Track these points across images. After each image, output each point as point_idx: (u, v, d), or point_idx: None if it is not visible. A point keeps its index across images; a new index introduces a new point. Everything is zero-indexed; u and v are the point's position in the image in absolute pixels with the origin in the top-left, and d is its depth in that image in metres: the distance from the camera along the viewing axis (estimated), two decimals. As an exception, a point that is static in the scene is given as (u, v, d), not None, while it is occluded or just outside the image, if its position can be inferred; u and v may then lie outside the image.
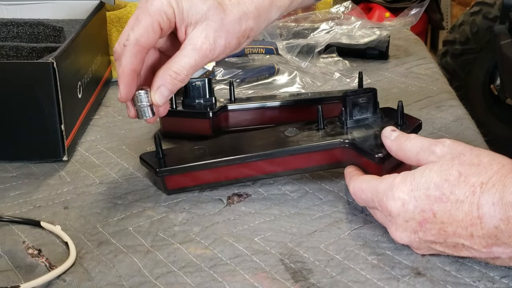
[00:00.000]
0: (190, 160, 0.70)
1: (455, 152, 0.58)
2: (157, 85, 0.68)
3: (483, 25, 2.32)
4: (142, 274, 0.58)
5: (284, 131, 0.73)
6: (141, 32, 0.65)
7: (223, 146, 0.75)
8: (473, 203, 0.54)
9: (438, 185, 0.56)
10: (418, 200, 0.57)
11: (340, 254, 0.60)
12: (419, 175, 0.58)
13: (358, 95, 0.71)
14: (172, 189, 0.70)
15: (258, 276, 0.57)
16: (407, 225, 0.58)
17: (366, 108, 0.71)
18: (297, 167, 0.71)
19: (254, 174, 0.71)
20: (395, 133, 0.64)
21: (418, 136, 0.63)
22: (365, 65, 1.10)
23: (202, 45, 0.67)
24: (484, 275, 0.56)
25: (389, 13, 2.62)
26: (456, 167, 0.56)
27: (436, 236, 0.57)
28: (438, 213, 0.56)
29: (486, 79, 2.37)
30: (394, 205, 0.58)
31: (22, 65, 0.78)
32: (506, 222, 0.53)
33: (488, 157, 0.57)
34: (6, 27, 0.97)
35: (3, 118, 0.75)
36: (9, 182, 0.74)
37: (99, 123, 0.90)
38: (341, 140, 0.69)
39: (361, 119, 0.71)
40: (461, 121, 0.88)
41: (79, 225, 0.65)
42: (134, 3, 1.05)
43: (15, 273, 0.58)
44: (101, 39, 0.98)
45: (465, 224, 0.55)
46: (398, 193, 0.58)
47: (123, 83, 0.67)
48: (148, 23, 0.65)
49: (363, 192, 0.62)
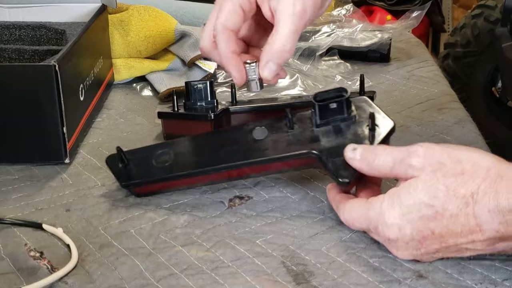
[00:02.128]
0: (153, 170, 0.70)
1: (433, 163, 0.56)
2: (265, 60, 0.68)
3: (484, 27, 2.32)
4: (144, 277, 0.58)
5: (253, 131, 0.70)
6: (226, 17, 0.67)
7: (188, 150, 0.73)
8: (468, 214, 0.54)
9: (429, 204, 0.55)
10: (413, 222, 0.56)
11: (341, 257, 0.60)
12: (406, 196, 0.56)
13: (327, 99, 0.67)
14: (141, 194, 0.71)
15: (260, 279, 0.57)
16: (408, 246, 0.57)
17: (337, 110, 0.68)
18: (264, 171, 0.70)
19: (220, 179, 0.71)
20: (358, 152, 0.61)
21: (384, 148, 0.60)
22: (367, 68, 1.10)
23: (294, 8, 0.66)
24: (486, 278, 0.56)
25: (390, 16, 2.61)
26: (441, 181, 0.55)
27: (439, 248, 0.57)
28: (436, 230, 0.56)
29: (488, 82, 2.37)
30: (390, 232, 0.57)
31: (24, 67, 0.78)
32: (505, 224, 0.53)
33: (469, 162, 0.55)
34: (9, 30, 0.97)
35: (5, 121, 0.76)
36: (11, 185, 0.74)
37: (101, 125, 0.90)
38: (307, 151, 0.66)
39: (333, 121, 0.68)
40: (462, 123, 0.88)
41: (81, 227, 0.65)
42: (135, 6, 1.05)
43: (17, 275, 0.58)
44: (103, 42, 0.98)
45: (465, 233, 0.55)
46: (390, 219, 0.57)
47: (231, 66, 0.68)
48: (230, 7, 0.67)
49: (356, 221, 0.61)
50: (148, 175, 0.70)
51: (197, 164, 0.70)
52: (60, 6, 1.00)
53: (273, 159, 0.67)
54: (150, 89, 1.03)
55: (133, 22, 1.02)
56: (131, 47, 1.03)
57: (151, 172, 0.70)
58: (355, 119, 0.68)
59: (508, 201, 0.52)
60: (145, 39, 1.02)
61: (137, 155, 0.73)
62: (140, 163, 0.71)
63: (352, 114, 0.68)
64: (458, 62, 2.42)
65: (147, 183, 0.70)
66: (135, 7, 1.05)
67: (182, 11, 1.16)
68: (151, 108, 0.95)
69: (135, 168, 0.71)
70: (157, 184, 0.70)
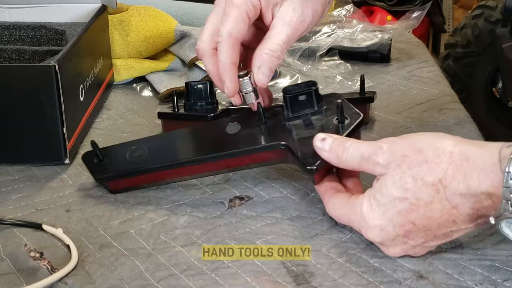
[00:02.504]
0: (127, 164, 0.71)
1: (397, 157, 0.57)
2: (257, 65, 0.68)
3: (485, 28, 2.32)
4: (144, 277, 0.58)
5: (226, 126, 0.71)
6: (232, 25, 0.66)
7: (162, 146, 0.74)
8: (442, 199, 0.55)
9: (402, 198, 0.56)
10: (393, 219, 0.57)
11: (342, 257, 0.60)
12: (380, 196, 0.57)
13: (298, 92, 0.69)
14: (115, 190, 0.71)
15: (260, 279, 0.57)
16: (395, 242, 0.58)
17: (307, 103, 0.69)
18: (238, 165, 0.70)
19: (193, 174, 0.71)
20: (327, 143, 0.62)
21: (353, 142, 0.61)
22: (367, 68, 1.10)
23: (292, 18, 0.67)
24: (486, 278, 0.56)
25: (390, 16, 2.61)
26: (407, 173, 0.56)
27: (425, 237, 0.57)
28: (416, 221, 0.56)
29: (488, 82, 2.37)
30: (373, 234, 0.59)
31: (24, 68, 0.78)
32: (479, 203, 0.54)
33: (430, 149, 0.56)
34: (9, 30, 0.97)
35: (5, 121, 0.76)
36: (11, 185, 0.74)
37: (101, 126, 0.90)
38: (278, 142, 0.67)
39: (303, 114, 0.69)
40: (463, 124, 0.88)
41: (81, 228, 0.65)
42: (135, 6, 1.05)
43: (17, 276, 0.58)
44: (103, 42, 0.98)
45: (445, 217, 0.56)
46: (371, 222, 0.58)
47: (228, 78, 0.68)
48: (236, 14, 0.67)
49: (340, 218, 0.63)
50: (121, 169, 0.71)
51: (167, 158, 0.71)
52: (60, 7, 1.00)
53: (244, 151, 0.68)
54: (150, 90, 1.03)
55: (133, 22, 1.02)
56: (131, 48, 1.03)
57: (124, 166, 0.71)
58: (325, 112, 0.69)
59: (479, 183, 0.53)
60: (145, 40, 1.02)
61: (113, 151, 0.74)
62: (115, 158, 0.72)
63: (322, 108, 0.69)
64: (458, 62, 2.42)
65: (119, 176, 0.71)
66: (135, 8, 1.05)
67: (182, 12, 1.15)
68: (151, 108, 0.95)
69: (109, 163, 0.72)
70: (130, 179, 0.71)
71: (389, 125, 0.88)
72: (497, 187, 0.52)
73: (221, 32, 0.67)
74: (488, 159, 0.53)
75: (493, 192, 0.53)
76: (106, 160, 0.72)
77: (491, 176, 0.52)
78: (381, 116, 0.91)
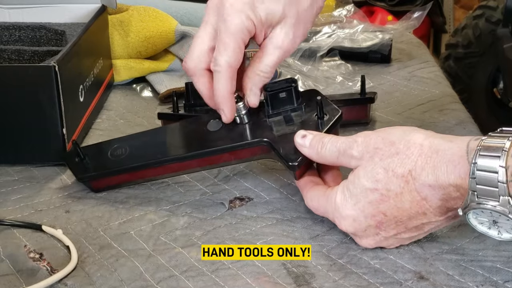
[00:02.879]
0: (108, 163, 0.71)
1: (370, 149, 0.59)
2: (249, 87, 0.69)
3: (486, 28, 2.31)
4: (144, 279, 0.57)
5: (207, 123, 0.71)
6: (233, 56, 0.66)
7: (144, 144, 0.73)
8: (411, 190, 0.56)
9: (373, 189, 0.58)
10: (364, 210, 0.58)
11: (342, 259, 0.60)
12: (353, 187, 0.59)
13: (278, 89, 0.70)
14: (98, 189, 0.71)
15: (260, 280, 0.57)
16: (367, 233, 0.59)
17: (287, 100, 0.70)
18: (220, 162, 0.71)
19: (175, 172, 0.72)
20: (307, 140, 0.64)
21: (331, 138, 0.63)
22: (368, 69, 1.10)
23: (283, 42, 0.68)
24: (487, 279, 0.56)
25: (391, 17, 2.61)
26: (378, 165, 0.57)
27: (397, 228, 0.59)
28: (387, 212, 0.58)
29: (489, 83, 2.36)
30: (346, 224, 0.60)
31: (24, 68, 0.77)
32: (448, 195, 0.55)
33: (402, 141, 0.57)
34: (8, 30, 0.97)
35: (4, 122, 0.75)
36: (11, 186, 0.74)
37: (101, 126, 0.90)
38: (259, 139, 0.68)
39: (283, 110, 0.70)
40: (464, 124, 0.88)
41: (81, 229, 0.65)
42: (135, 7, 1.05)
43: (17, 277, 0.58)
44: (103, 42, 0.98)
45: (415, 208, 0.57)
46: (344, 212, 0.59)
47: (227, 107, 0.68)
48: (235, 45, 0.66)
49: (317, 210, 0.64)
50: (103, 168, 0.71)
51: (149, 156, 0.71)
52: (60, 7, 1.00)
53: (226, 149, 0.68)
54: (150, 90, 1.02)
55: (133, 22, 1.02)
56: (131, 48, 1.03)
57: (105, 165, 0.71)
58: (304, 108, 0.70)
59: (447, 175, 0.54)
60: (145, 40, 1.02)
61: (95, 150, 0.74)
62: (96, 157, 0.73)
63: (302, 104, 0.70)
64: (459, 63, 2.42)
65: (101, 176, 0.71)
66: (135, 8, 1.05)
67: (183, 12, 1.15)
68: (151, 109, 0.95)
69: (91, 162, 0.72)
70: (112, 177, 0.71)
71: (390, 125, 0.87)
72: (464, 178, 0.53)
73: (219, 62, 0.66)
74: (456, 151, 0.54)
75: (461, 184, 0.54)
76: (87, 159, 0.72)
77: (459, 168, 0.54)
78: (381, 117, 0.91)
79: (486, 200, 0.52)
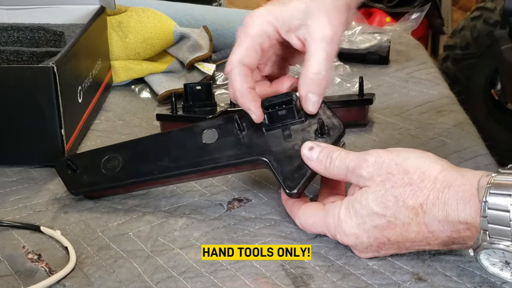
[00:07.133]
0: (102, 178, 0.69)
1: (382, 173, 0.57)
2: (304, 94, 0.65)
3: (483, 30, 2.32)
4: (142, 280, 0.57)
5: (203, 133, 0.68)
6: (244, 53, 0.65)
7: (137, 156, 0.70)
8: (420, 223, 0.55)
9: (380, 214, 0.56)
10: (369, 232, 0.57)
11: (340, 260, 0.60)
12: (359, 207, 0.57)
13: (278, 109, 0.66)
14: (92, 198, 0.71)
15: (259, 282, 0.57)
16: (367, 250, 0.59)
17: (287, 115, 0.66)
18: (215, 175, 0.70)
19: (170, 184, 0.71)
20: (315, 153, 0.62)
21: (340, 153, 0.61)
22: (366, 70, 1.10)
23: (324, 33, 0.64)
24: (485, 281, 0.56)
25: (389, 18, 2.62)
26: (390, 192, 0.56)
27: (397, 249, 0.59)
28: (391, 237, 0.57)
29: (487, 84, 2.37)
30: (349, 240, 0.59)
31: (22, 69, 0.77)
32: (457, 232, 0.54)
33: (416, 172, 0.56)
34: (7, 31, 0.97)
35: (3, 123, 0.75)
36: (9, 187, 0.74)
37: (100, 127, 0.90)
38: (257, 157, 0.65)
39: (282, 123, 0.66)
40: (462, 126, 0.88)
41: (79, 230, 0.65)
42: (134, 8, 1.05)
43: (15, 278, 0.58)
44: (101, 43, 0.98)
45: (419, 239, 0.56)
46: (348, 228, 0.58)
47: (251, 103, 0.65)
48: (249, 44, 0.66)
49: (313, 227, 0.62)
50: (95, 183, 0.69)
51: (142, 171, 0.69)
52: (59, 8, 1.00)
53: (222, 166, 0.66)
54: (149, 91, 1.02)
55: (131, 24, 1.02)
56: (129, 49, 1.03)
57: (98, 180, 0.69)
58: (305, 121, 0.66)
59: (458, 212, 0.53)
60: (144, 41, 1.02)
61: (87, 160, 0.71)
62: (89, 169, 0.70)
63: (302, 117, 0.66)
64: (457, 64, 2.43)
65: (94, 191, 0.70)
66: (133, 9, 1.05)
67: (181, 13, 1.15)
68: (149, 110, 0.95)
69: (83, 175, 0.70)
70: (105, 192, 0.71)
71: (388, 127, 0.88)
72: (475, 217, 0.52)
73: (231, 61, 0.66)
74: (468, 188, 0.53)
75: (471, 223, 0.53)
76: (79, 171, 0.70)
77: (469, 206, 0.53)
78: (380, 118, 0.91)
79: (498, 240, 0.51)
